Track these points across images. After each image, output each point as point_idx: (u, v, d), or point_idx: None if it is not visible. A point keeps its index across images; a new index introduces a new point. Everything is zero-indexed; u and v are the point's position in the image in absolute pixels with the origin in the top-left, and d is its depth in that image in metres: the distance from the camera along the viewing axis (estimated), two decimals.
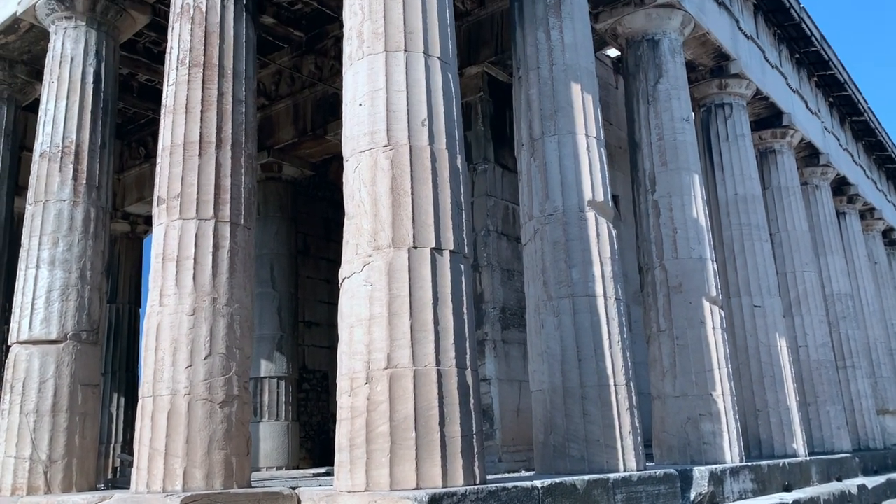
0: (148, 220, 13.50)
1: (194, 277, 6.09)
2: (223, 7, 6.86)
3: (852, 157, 16.51)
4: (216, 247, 6.24)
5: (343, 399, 5.09)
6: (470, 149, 9.46)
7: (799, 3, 12.39)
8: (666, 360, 8.39)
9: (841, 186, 15.79)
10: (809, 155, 14.00)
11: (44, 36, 8.86)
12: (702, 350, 8.27)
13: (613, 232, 7.13)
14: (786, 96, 12.59)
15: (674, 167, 8.82)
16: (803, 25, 12.61)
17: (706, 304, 8.43)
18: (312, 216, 13.58)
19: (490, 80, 9.85)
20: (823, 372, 12.01)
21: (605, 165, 7.35)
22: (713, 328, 8.39)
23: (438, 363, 4.94)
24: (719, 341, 8.39)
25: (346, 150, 5.62)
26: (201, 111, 6.54)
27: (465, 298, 5.26)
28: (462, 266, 5.33)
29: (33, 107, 10.00)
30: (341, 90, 5.90)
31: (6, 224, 9.57)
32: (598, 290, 6.79)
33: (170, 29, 7.02)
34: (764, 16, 12.20)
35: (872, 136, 17.40)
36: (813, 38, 13.04)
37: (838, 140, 15.48)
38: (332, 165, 12.90)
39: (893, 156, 18.67)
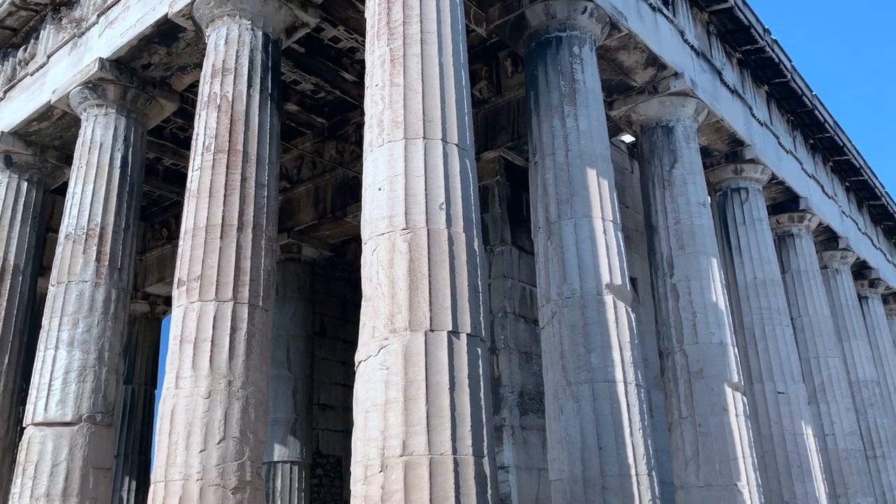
0: (168, 301, 13.59)
1: (211, 359, 6.08)
2: (249, 96, 7.10)
3: (872, 241, 16.43)
4: (234, 329, 6.25)
5: (357, 487, 4.98)
6: (487, 231, 9.54)
7: (811, 91, 12.61)
8: (689, 449, 8.17)
9: (861, 270, 15.66)
10: (828, 239, 13.96)
11: (75, 122, 9.18)
12: (725, 438, 8.05)
13: (632, 316, 7.08)
14: (801, 181, 12.66)
15: (691, 251, 8.82)
16: (816, 112, 12.79)
17: (728, 391, 8.25)
18: (330, 297, 13.62)
19: (507, 164, 10.03)
20: (853, 462, 11.62)
21: (623, 249, 7.36)
22: (736, 415, 8.19)
23: (455, 451, 4.84)
24: (743, 429, 8.17)
25: (365, 233, 5.69)
26: (224, 195, 6.68)
27: (482, 383, 5.19)
28: (479, 349, 5.29)
29: (60, 189, 10.28)
30: (361, 174, 6.02)
31: (28, 305, 9.67)
32: (618, 375, 6.68)
33: (197, 116, 7.25)
34: (777, 103, 12.41)
35: (891, 221, 17.36)
36: (826, 125, 13.21)
37: (856, 224, 15.46)
38: (350, 246, 13.03)
39: None
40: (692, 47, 9.85)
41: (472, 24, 8.26)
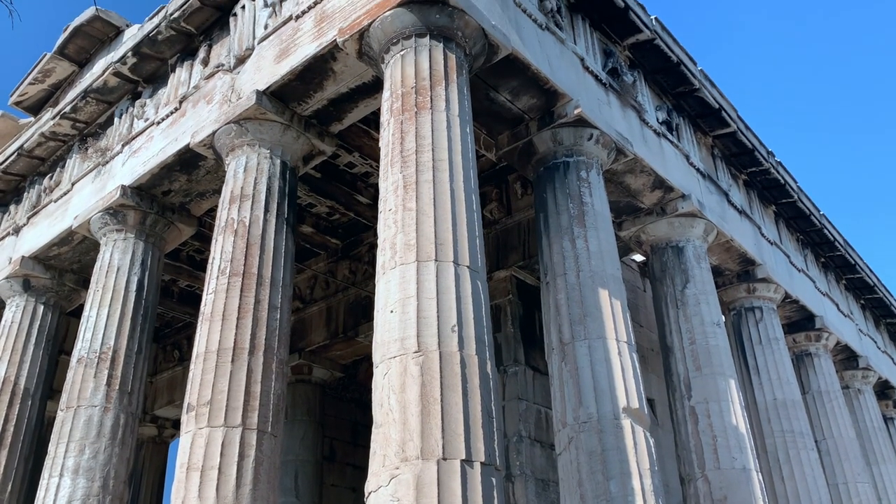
0: (176, 424, 13.37)
1: (217, 489, 5.91)
2: (265, 221, 7.26)
3: (892, 359, 16.13)
4: (241, 456, 6.11)
5: None
6: (500, 351, 9.44)
7: (818, 210, 12.75)
8: None
9: (884, 390, 15.30)
10: (847, 358, 13.72)
11: (94, 247, 9.36)
12: None
13: (651, 441, 6.87)
14: (816, 299, 12.58)
15: (708, 372, 8.67)
16: (825, 231, 12.89)
17: None
18: (340, 419, 13.35)
19: (518, 283, 10.06)
20: None
21: (638, 370, 7.23)
22: None
23: None
24: None
25: (377, 356, 5.64)
26: (237, 318, 6.70)
27: None
28: (494, 479, 5.11)
29: (76, 312, 10.37)
30: (374, 293, 6.04)
31: (35, 430, 9.53)
32: None
33: (214, 240, 7.38)
34: (786, 223, 12.54)
35: None
36: (837, 243, 13.27)
37: (875, 342, 15.23)
38: (361, 367, 12.90)
39: None
40: (698, 170, 10.07)
41: (482, 149, 8.52)
